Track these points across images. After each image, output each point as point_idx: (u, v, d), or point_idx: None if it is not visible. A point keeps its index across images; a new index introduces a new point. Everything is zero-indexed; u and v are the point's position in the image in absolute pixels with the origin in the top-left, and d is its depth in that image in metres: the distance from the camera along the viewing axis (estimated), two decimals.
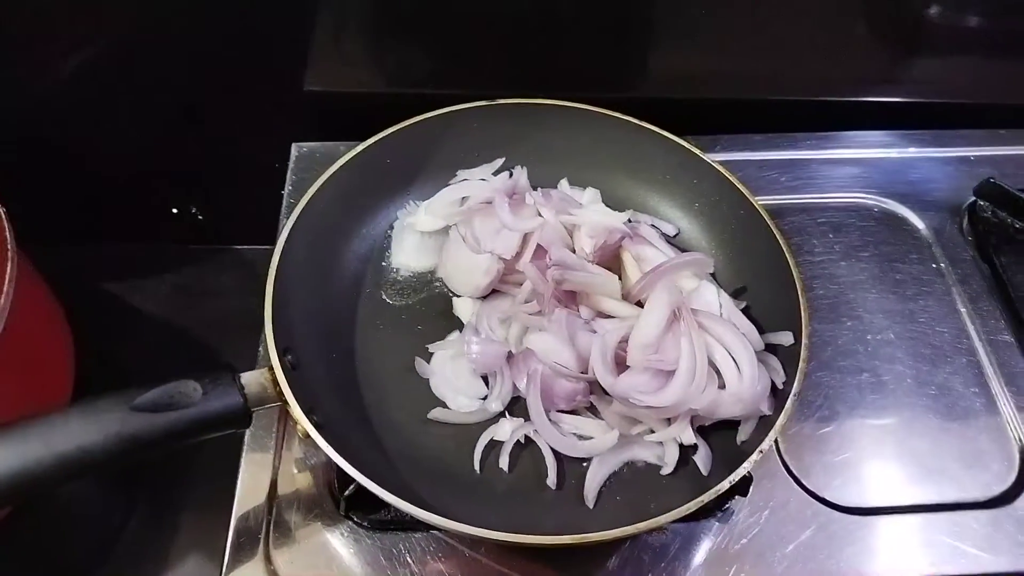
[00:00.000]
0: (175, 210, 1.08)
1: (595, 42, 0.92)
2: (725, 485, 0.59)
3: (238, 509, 0.68)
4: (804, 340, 0.67)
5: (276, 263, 0.68)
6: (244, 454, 0.71)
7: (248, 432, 0.71)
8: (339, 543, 0.67)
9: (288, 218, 0.72)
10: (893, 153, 0.99)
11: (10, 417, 0.55)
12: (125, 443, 0.54)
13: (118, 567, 0.86)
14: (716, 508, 0.69)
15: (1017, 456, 0.74)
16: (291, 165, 0.92)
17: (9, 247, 0.79)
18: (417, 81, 0.96)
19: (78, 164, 1.02)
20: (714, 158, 0.80)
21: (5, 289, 0.76)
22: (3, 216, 0.80)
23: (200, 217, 1.09)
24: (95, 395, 0.56)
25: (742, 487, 0.67)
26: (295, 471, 0.71)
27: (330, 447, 0.59)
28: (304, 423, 0.59)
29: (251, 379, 0.60)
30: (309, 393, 0.63)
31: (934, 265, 0.88)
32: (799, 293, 0.69)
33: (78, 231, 1.04)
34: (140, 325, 1.06)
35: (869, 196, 0.94)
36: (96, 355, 0.94)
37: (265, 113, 0.98)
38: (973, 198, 0.92)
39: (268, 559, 0.65)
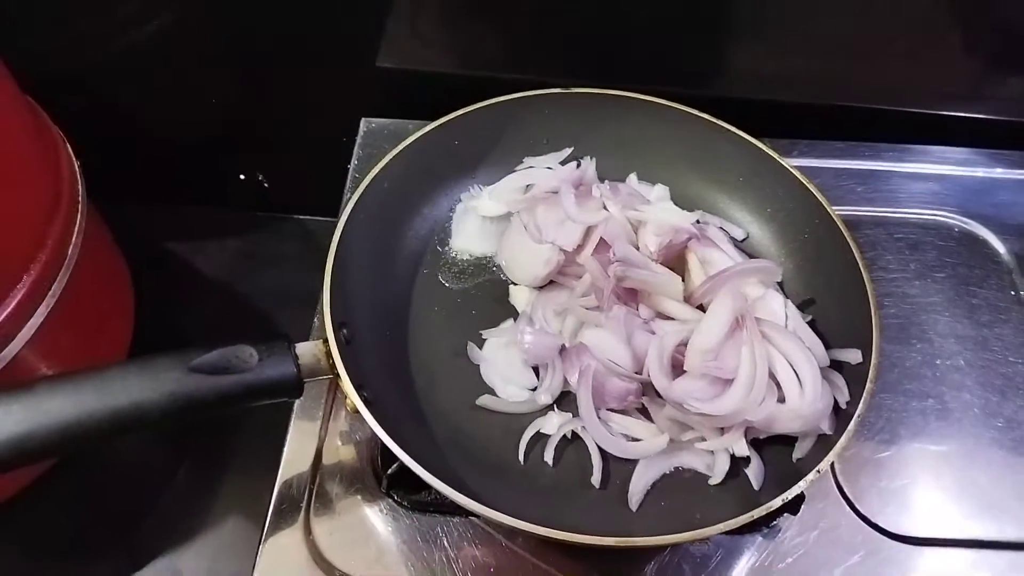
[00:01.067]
0: (242, 176, 1.09)
1: (675, 36, 0.90)
2: (777, 503, 0.57)
3: (282, 475, 0.68)
4: (874, 359, 0.64)
5: (338, 237, 0.68)
6: (292, 422, 0.71)
7: (297, 401, 0.72)
8: (378, 519, 0.67)
9: (353, 192, 0.72)
10: (978, 172, 0.94)
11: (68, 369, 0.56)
12: (179, 402, 0.54)
13: (162, 520, 0.89)
14: (763, 524, 0.66)
15: None
16: (359, 140, 0.93)
17: (80, 200, 0.81)
18: (490, 64, 0.95)
19: (151, 127, 1.04)
20: (791, 163, 0.77)
21: (74, 240, 0.78)
22: (78, 169, 0.82)
23: (266, 185, 1.10)
24: (153, 352, 0.57)
25: (793, 505, 0.65)
26: (339, 444, 0.71)
27: (377, 424, 0.58)
28: (354, 398, 0.59)
29: (305, 350, 0.60)
30: (360, 369, 0.63)
31: (1013, 292, 0.84)
32: (872, 310, 0.66)
33: (146, 192, 1.06)
34: (200, 287, 1.08)
35: (950, 215, 0.90)
36: (154, 314, 0.96)
37: (336, 87, 0.99)
38: None
39: (308, 527, 0.66)
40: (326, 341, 0.61)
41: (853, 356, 0.66)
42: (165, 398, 0.54)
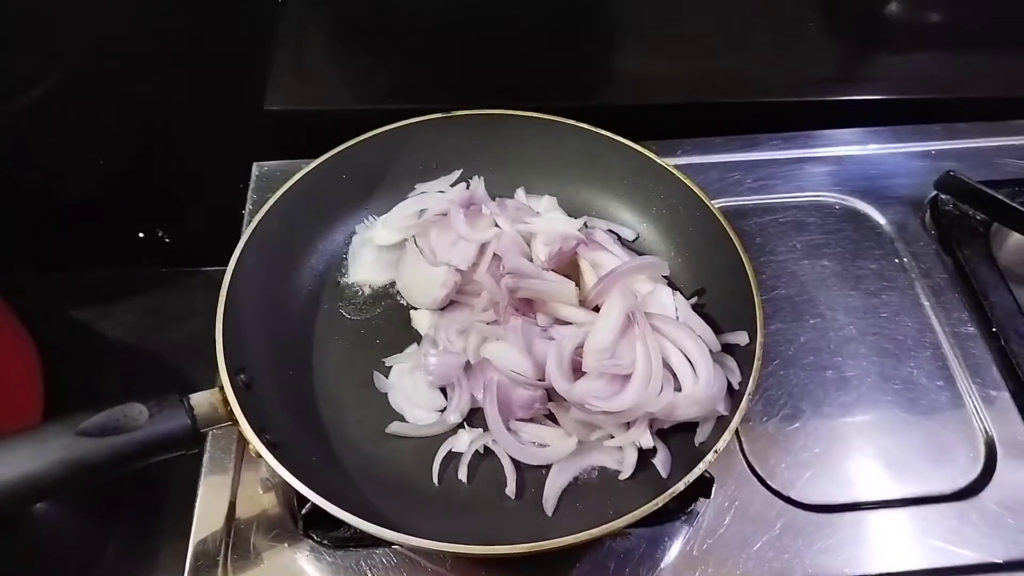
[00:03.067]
0: (141, 234, 1.08)
1: (553, 51, 0.93)
2: (680, 486, 0.59)
3: (196, 533, 0.67)
4: (759, 339, 0.66)
5: (228, 282, 0.68)
6: (202, 477, 0.70)
7: (207, 455, 0.71)
8: (301, 562, 0.66)
9: (241, 237, 0.72)
10: (854, 150, 0.99)
11: None
12: (69, 468, 0.53)
13: None
14: (680, 511, 0.68)
15: (983, 448, 0.74)
16: (252, 185, 0.92)
17: None
18: (378, 96, 0.97)
19: (41, 191, 1.02)
20: (676, 162, 0.80)
21: None
22: None
23: (167, 240, 1.09)
24: (41, 422, 0.56)
25: (704, 488, 0.67)
26: (260, 491, 0.70)
27: (281, 466, 0.58)
28: (255, 442, 0.59)
29: (201, 400, 0.60)
30: (263, 411, 0.63)
31: (896, 260, 0.88)
32: (755, 293, 0.69)
33: (44, 258, 1.04)
34: (110, 350, 1.06)
35: (831, 194, 0.94)
36: (67, 381, 0.94)
37: (227, 133, 0.98)
38: (935, 192, 0.92)
39: None
40: (222, 388, 0.61)
41: (741, 338, 0.68)
42: (55, 466, 0.53)
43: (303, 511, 0.65)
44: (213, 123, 0.97)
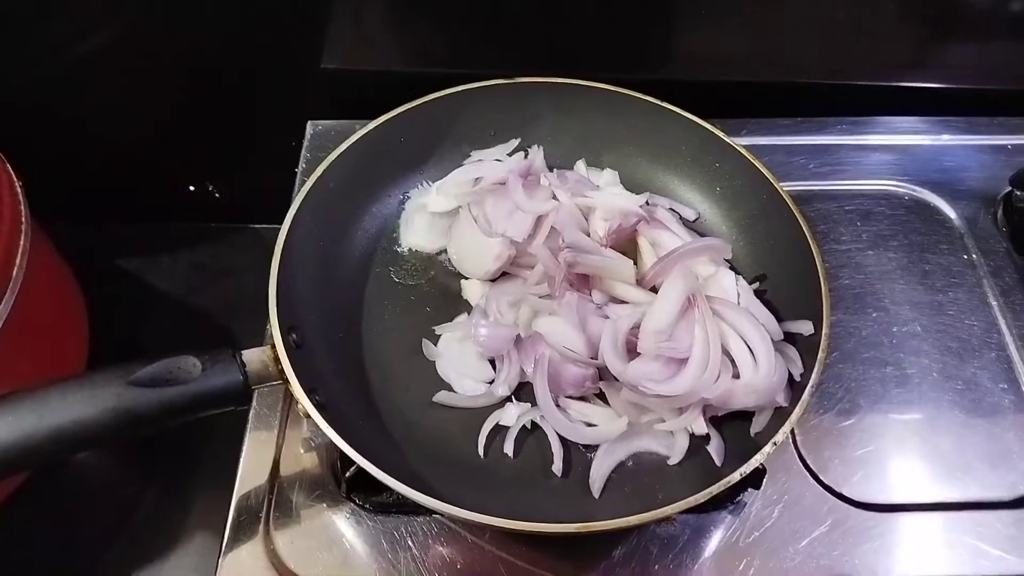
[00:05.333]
0: (192, 187, 1.08)
1: (620, 21, 0.90)
2: (736, 477, 0.57)
3: (240, 488, 0.67)
4: (825, 330, 0.64)
5: (282, 240, 0.67)
6: (247, 432, 0.70)
7: (252, 411, 0.71)
8: (341, 524, 0.66)
9: (297, 195, 0.71)
10: (926, 140, 0.95)
11: None
12: (121, 417, 0.53)
13: (132, 542, 0.87)
14: (728, 500, 0.67)
15: None
16: (306, 143, 0.91)
17: (24, 221, 0.79)
18: (436, 59, 0.95)
19: (96, 142, 1.02)
20: (740, 142, 0.77)
21: (18, 262, 0.76)
22: (19, 190, 0.80)
23: (217, 195, 1.09)
24: (94, 369, 0.56)
25: (755, 479, 0.65)
26: (301, 451, 0.70)
27: (330, 427, 0.57)
28: (304, 402, 0.58)
29: (253, 356, 0.59)
30: (312, 372, 0.62)
31: (965, 256, 0.84)
32: (822, 281, 0.66)
33: (96, 209, 1.04)
34: (156, 303, 1.06)
35: (900, 184, 0.90)
36: (112, 333, 0.95)
37: (282, 91, 0.97)
38: (1009, 188, 0.88)
39: (268, 538, 0.64)
40: (274, 346, 0.60)
41: (805, 328, 0.66)
42: (107, 414, 0.53)
43: (347, 474, 0.64)
44: (268, 79, 0.96)
